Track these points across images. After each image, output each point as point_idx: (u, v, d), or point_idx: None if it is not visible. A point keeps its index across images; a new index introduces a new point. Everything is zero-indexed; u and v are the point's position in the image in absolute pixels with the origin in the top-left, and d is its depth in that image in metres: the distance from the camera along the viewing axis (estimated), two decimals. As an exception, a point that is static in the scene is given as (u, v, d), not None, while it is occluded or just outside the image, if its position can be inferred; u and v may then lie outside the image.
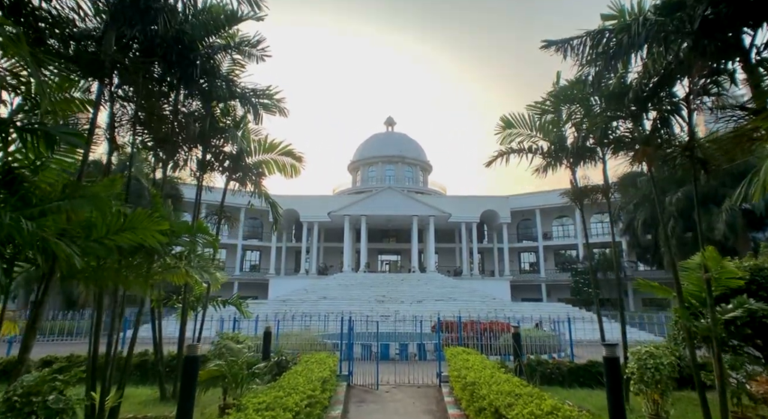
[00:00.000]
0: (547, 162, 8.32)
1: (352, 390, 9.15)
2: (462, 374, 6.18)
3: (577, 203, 8.08)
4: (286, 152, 8.61)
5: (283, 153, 8.65)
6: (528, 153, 8.07)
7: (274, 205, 9.04)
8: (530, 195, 45.50)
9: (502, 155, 8.29)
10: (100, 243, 4.59)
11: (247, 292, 42.52)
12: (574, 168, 7.69)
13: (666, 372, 5.34)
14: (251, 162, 8.63)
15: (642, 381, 5.54)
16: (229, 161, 8.34)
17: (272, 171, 8.75)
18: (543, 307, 29.68)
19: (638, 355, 5.76)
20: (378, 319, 22.51)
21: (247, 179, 8.58)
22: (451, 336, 13.03)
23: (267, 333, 8.19)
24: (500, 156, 8.32)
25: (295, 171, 8.75)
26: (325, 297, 31.24)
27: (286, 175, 8.70)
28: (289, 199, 43.29)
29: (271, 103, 7.92)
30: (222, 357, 5.67)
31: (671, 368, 5.42)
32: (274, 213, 9.11)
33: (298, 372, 6.12)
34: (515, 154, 8.18)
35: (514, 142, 8.12)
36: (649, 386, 5.44)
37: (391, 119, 57.90)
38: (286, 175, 8.70)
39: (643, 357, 5.68)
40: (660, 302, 41.46)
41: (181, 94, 7.49)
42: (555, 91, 6.64)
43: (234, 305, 8.47)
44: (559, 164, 8.06)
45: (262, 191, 8.90)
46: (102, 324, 6.31)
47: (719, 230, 25.38)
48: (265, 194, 9.02)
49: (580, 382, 8.71)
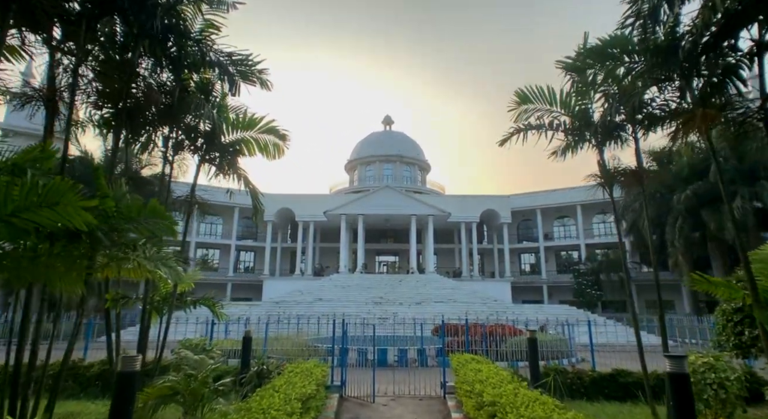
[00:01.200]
0: (568, 142, 7.24)
1: (345, 403, 8.05)
2: (475, 389, 5.09)
3: (606, 188, 7.01)
4: (268, 129, 7.50)
5: (264, 130, 7.53)
6: (548, 130, 7.00)
7: (254, 192, 7.93)
8: (531, 195, 44.54)
9: (519, 132, 7.21)
10: (7, 223, 3.51)
11: (241, 294, 41.33)
12: (601, 147, 6.63)
13: (734, 389, 4.28)
14: (228, 141, 7.52)
15: (701, 401, 4.46)
16: (202, 139, 7.24)
17: (253, 151, 7.62)
18: (546, 309, 28.60)
19: (693, 367, 4.69)
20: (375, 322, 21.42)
21: (223, 160, 7.46)
22: (457, 339, 11.93)
23: (246, 338, 6.99)
24: (516, 133, 7.23)
25: (278, 151, 7.63)
26: (320, 299, 30.09)
27: (268, 156, 7.59)
28: (285, 198, 42.19)
29: (250, 72, 6.84)
30: (181, 369, 4.59)
31: (739, 384, 4.36)
32: (255, 202, 8.00)
33: (277, 387, 5.02)
34: (533, 131, 7.10)
35: (532, 118, 7.06)
36: (711, 406, 4.36)
37: (388, 118, 56.89)
38: (268, 156, 7.59)
39: (699, 369, 4.60)
40: (664, 304, 40.42)
41: (145, 59, 6.42)
42: (589, 48, 5.56)
43: (206, 306, 7.37)
44: (584, 144, 6.99)
45: (240, 174, 7.77)
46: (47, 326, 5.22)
47: (730, 230, 24.32)
48: (245, 178, 7.90)
49: (605, 394, 7.61)
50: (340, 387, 8.43)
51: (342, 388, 8.47)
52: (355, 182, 52.58)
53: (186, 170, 7.80)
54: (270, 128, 7.47)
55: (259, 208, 8.08)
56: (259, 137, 7.55)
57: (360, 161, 52.83)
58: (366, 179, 51.21)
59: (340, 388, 8.43)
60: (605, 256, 38.46)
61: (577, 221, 42.74)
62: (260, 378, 6.97)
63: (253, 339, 14.17)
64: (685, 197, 26.28)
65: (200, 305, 7.40)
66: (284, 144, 7.63)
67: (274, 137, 7.54)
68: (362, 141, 55.42)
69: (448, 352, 10.09)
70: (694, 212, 27.10)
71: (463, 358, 7.04)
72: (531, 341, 6.59)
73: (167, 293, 6.84)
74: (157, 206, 4.43)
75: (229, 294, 40.36)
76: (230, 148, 7.49)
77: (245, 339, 6.95)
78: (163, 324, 6.61)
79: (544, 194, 44.14)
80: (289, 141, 7.66)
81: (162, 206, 4.45)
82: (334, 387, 8.32)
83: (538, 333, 15.52)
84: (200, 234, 43.19)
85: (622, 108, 6.21)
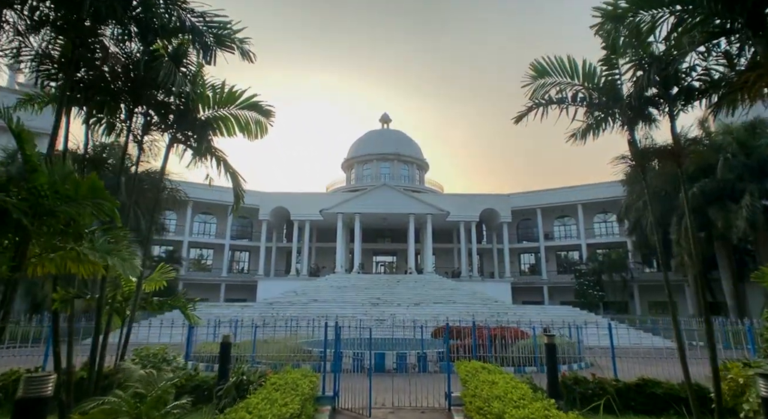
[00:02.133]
0: (590, 123, 6.37)
1: (338, 416, 7.15)
2: (492, 408, 4.19)
3: (639, 169, 6.13)
4: (250, 104, 6.56)
5: (246, 106, 6.59)
6: (570, 104, 6.13)
7: (235, 177, 6.98)
8: (531, 194, 43.78)
9: (537, 107, 6.32)
10: None
11: (235, 295, 40.29)
12: (633, 125, 5.75)
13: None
14: (204, 117, 6.59)
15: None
16: (174, 116, 6.32)
17: (232, 131, 6.68)
18: (549, 310, 27.77)
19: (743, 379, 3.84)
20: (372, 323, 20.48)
21: (200, 141, 6.49)
22: (461, 343, 11.03)
23: (225, 343, 5.94)
24: (534, 108, 6.35)
25: (261, 130, 6.69)
26: (315, 300, 29.14)
27: (249, 135, 6.65)
28: (280, 197, 41.23)
29: (228, 38, 5.93)
30: (127, 387, 3.69)
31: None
32: (236, 189, 7.05)
33: (251, 407, 4.12)
34: (553, 106, 6.22)
35: (551, 93, 6.19)
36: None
37: (386, 116, 56.03)
38: (249, 135, 6.65)
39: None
40: (665, 305, 39.79)
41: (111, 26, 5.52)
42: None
43: (177, 308, 6.44)
44: (609, 123, 6.12)
45: (219, 156, 6.82)
46: None
47: (738, 228, 23.55)
48: (224, 162, 6.94)
49: (632, 407, 6.69)
50: (332, 398, 7.53)
51: (335, 399, 7.56)
52: (352, 180, 51.67)
53: (158, 153, 6.85)
54: (252, 103, 6.54)
55: (240, 195, 7.13)
56: (239, 113, 6.62)
57: (357, 159, 51.93)
58: (363, 178, 50.30)
59: (333, 400, 7.52)
60: (607, 256, 37.64)
61: (578, 221, 42.00)
62: (240, 391, 6.06)
63: (241, 343, 13.29)
64: (693, 195, 25.44)
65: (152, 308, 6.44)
66: (268, 121, 6.70)
67: (256, 113, 6.61)
68: (359, 139, 54.56)
69: (453, 358, 9.21)
70: (701, 211, 26.33)
71: (471, 366, 6.14)
72: (549, 347, 5.69)
73: (130, 292, 5.91)
74: (97, 182, 3.52)
75: (222, 295, 39.36)
76: (207, 126, 6.54)
77: (223, 345, 5.93)
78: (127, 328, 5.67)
79: (545, 193, 43.39)
80: (273, 118, 6.73)
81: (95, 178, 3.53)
82: (326, 399, 7.41)
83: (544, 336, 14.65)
84: (193, 233, 42.15)
85: (656, 78, 5.34)
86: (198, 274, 41.78)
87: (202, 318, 7.95)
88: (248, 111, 6.63)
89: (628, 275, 36.60)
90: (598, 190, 40.96)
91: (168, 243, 39.75)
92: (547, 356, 5.49)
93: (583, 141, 6.48)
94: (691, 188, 26.09)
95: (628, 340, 17.06)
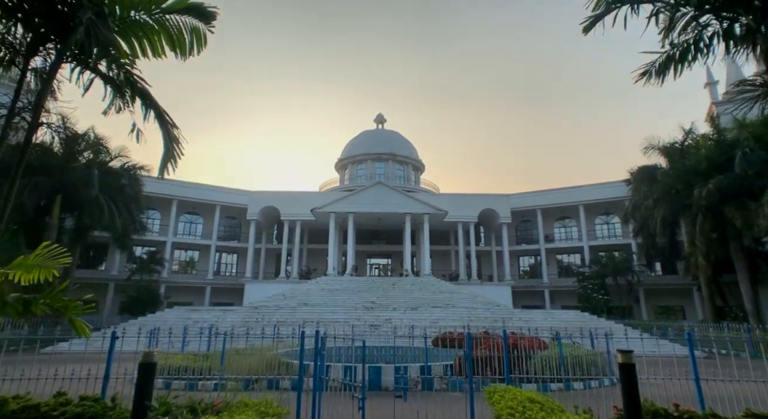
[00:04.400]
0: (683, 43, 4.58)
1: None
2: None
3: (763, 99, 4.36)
4: (186, 6, 4.68)
5: (180, 9, 4.71)
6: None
7: (162, 118, 4.97)
8: (531, 194, 42.21)
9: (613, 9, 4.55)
10: None
11: (221, 298, 38.10)
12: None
13: None
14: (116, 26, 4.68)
15: None
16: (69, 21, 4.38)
17: (159, 47, 4.78)
18: (555, 315, 25.98)
19: None
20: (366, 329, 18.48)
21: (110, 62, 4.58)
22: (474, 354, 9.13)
23: (145, 364, 3.36)
24: (607, 13, 4.58)
25: (198, 42, 4.79)
26: (305, 303, 27.16)
27: (181, 50, 4.76)
28: (270, 196, 39.22)
29: None
30: None
31: None
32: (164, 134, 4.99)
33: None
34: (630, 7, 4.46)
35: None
36: None
37: (381, 116, 54.42)
38: (181, 50, 4.76)
39: None
40: (672, 309, 38.23)
41: None
42: None
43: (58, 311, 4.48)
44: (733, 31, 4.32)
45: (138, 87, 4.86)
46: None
47: (760, 227, 21.93)
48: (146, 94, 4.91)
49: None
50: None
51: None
52: (345, 181, 49.81)
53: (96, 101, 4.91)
54: (189, 4, 4.64)
55: (176, 152, 5.16)
56: (168, 19, 4.72)
57: (351, 159, 50.12)
58: (357, 178, 48.46)
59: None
60: (610, 259, 36.02)
61: (579, 222, 40.47)
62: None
63: (211, 354, 11.31)
64: (708, 193, 23.87)
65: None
66: (207, 28, 4.80)
67: (193, 18, 4.72)
68: (354, 139, 52.84)
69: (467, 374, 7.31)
70: (714, 210, 24.79)
71: (511, 396, 4.22)
72: (626, 368, 3.71)
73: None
74: None
75: (208, 299, 37.20)
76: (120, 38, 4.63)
77: (142, 366, 3.50)
78: None
79: (545, 194, 41.83)
80: (214, 24, 4.81)
81: None
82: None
83: (571, 345, 12.76)
84: (178, 234, 39.94)
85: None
86: (182, 276, 39.54)
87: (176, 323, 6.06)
88: (181, 16, 4.68)
89: (633, 279, 34.98)
90: (601, 190, 39.51)
91: (150, 244, 37.57)
92: (623, 382, 3.54)
93: (659, 80, 4.71)
94: (705, 185, 24.56)
95: (642, 347, 15.37)
